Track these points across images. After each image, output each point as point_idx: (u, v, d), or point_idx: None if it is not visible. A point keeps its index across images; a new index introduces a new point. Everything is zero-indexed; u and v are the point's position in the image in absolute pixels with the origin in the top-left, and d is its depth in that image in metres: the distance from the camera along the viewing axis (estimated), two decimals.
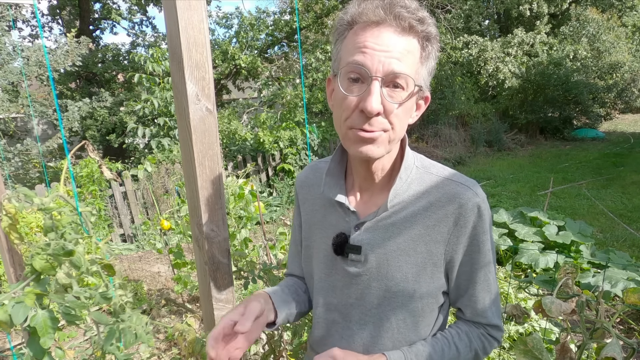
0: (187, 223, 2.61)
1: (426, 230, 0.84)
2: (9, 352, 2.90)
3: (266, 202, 6.68)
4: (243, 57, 10.15)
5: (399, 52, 0.73)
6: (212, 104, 1.02)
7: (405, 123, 0.80)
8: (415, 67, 0.76)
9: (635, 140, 11.41)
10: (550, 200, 6.36)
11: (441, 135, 10.86)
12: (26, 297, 0.85)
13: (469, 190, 0.83)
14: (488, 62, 12.27)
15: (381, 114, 0.75)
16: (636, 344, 0.94)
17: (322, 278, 0.95)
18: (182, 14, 0.93)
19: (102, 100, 8.73)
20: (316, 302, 0.97)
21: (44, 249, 0.87)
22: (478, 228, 0.84)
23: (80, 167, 5.28)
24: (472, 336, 0.90)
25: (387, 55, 0.72)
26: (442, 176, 0.86)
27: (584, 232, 4.18)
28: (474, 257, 0.86)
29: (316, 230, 0.97)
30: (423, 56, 0.77)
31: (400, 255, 0.85)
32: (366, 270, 0.87)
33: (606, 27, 13.19)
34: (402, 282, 0.85)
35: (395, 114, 0.76)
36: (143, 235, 5.51)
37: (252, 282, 1.66)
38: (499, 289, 0.93)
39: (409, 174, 0.86)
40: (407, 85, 0.75)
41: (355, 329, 0.91)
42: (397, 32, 0.73)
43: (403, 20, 0.73)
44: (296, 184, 1.04)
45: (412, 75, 0.75)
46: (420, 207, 0.84)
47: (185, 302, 3.46)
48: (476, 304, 0.89)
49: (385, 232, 0.86)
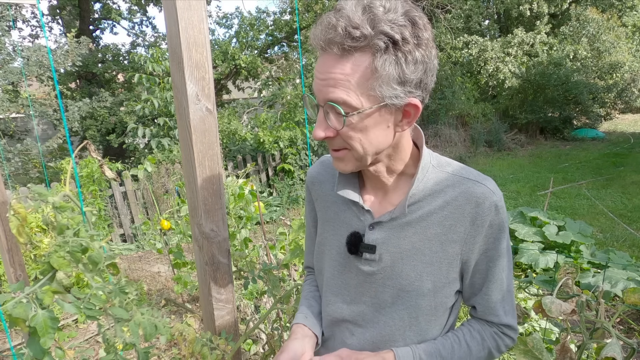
0: (187, 223, 2.61)
1: (442, 230, 0.84)
2: (8, 352, 2.90)
3: (266, 202, 6.68)
4: (243, 57, 10.15)
5: (333, 79, 0.72)
6: (212, 104, 1.02)
7: (374, 139, 0.77)
8: (360, 87, 0.72)
9: (635, 140, 11.40)
10: (550, 200, 6.36)
11: (441, 135, 10.86)
12: (45, 295, 0.86)
13: (486, 188, 0.83)
14: (488, 62, 12.26)
15: (337, 136, 0.78)
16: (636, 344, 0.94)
17: (335, 275, 0.95)
18: (182, 14, 0.93)
19: (102, 100, 8.73)
20: (326, 299, 0.97)
21: (62, 246, 0.87)
22: (495, 227, 0.83)
23: (80, 167, 5.28)
24: (484, 335, 0.90)
25: (324, 83, 0.73)
26: (459, 174, 0.85)
27: (584, 232, 4.18)
28: (490, 255, 0.85)
29: (328, 227, 0.96)
30: (376, 69, 0.70)
31: (415, 255, 0.85)
32: (380, 269, 0.87)
33: (606, 27, 13.18)
34: (416, 281, 0.85)
35: (349, 135, 0.76)
36: (143, 235, 5.51)
37: (252, 282, 1.66)
38: (513, 289, 0.93)
39: (425, 173, 0.85)
40: (350, 107, 0.73)
41: (367, 326, 0.91)
42: (338, 56, 0.71)
43: (336, 46, 0.70)
44: (307, 181, 1.04)
45: (352, 98, 0.72)
46: (436, 206, 0.84)
47: (185, 302, 3.46)
48: (490, 303, 0.89)
49: (401, 231, 0.86)
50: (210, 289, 1.13)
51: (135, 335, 0.93)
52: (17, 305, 0.82)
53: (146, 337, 0.95)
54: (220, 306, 1.16)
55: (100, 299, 0.91)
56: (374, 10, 0.69)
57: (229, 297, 1.17)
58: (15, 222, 0.94)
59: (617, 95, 13.54)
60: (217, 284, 1.14)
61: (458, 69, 12.48)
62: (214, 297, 1.14)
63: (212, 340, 1.16)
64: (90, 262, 0.90)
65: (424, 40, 0.72)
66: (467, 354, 0.87)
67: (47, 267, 0.89)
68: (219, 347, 1.16)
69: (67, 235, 0.89)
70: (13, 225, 0.93)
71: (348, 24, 0.68)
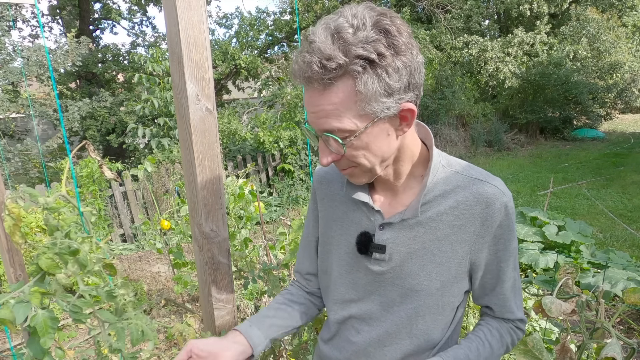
0: (187, 223, 2.60)
1: (452, 230, 0.84)
2: (9, 352, 2.91)
3: (266, 202, 6.68)
4: (243, 57, 10.15)
5: (324, 110, 0.73)
6: (212, 104, 1.02)
7: (378, 151, 0.78)
8: (351, 110, 0.72)
9: (635, 140, 11.40)
10: (550, 200, 6.36)
11: (441, 135, 10.86)
12: (32, 296, 0.86)
13: (496, 189, 0.83)
14: (488, 62, 12.26)
15: (342, 158, 0.80)
16: (636, 344, 0.94)
17: (342, 274, 0.95)
18: (182, 14, 0.93)
19: (102, 100, 8.73)
20: (333, 298, 0.97)
21: (50, 248, 0.87)
22: (504, 227, 0.84)
23: (80, 167, 5.28)
24: (502, 331, 0.92)
25: (316, 116, 0.75)
26: (468, 175, 0.86)
27: (584, 232, 4.18)
28: (501, 255, 0.86)
29: (336, 226, 0.96)
30: (363, 89, 0.70)
31: (425, 255, 0.85)
32: (390, 269, 0.87)
33: (606, 27, 13.17)
34: (425, 281, 0.86)
35: (352, 155, 0.78)
36: (143, 235, 5.51)
37: (252, 282, 1.66)
38: (521, 283, 0.95)
39: (435, 174, 0.85)
40: (346, 132, 0.74)
41: (373, 324, 0.92)
42: (320, 90, 0.72)
43: (316, 82, 0.71)
44: (314, 180, 1.03)
45: (346, 123, 0.73)
46: (446, 206, 0.84)
47: (185, 302, 3.46)
48: (505, 301, 0.90)
49: (411, 231, 0.86)
50: (210, 289, 1.13)
51: (121, 340, 0.92)
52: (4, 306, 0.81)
53: (132, 343, 0.95)
54: (220, 306, 1.16)
55: (88, 302, 0.91)
56: (343, 36, 0.68)
57: (229, 297, 1.17)
58: (9, 222, 0.94)
59: (617, 95, 13.53)
60: (217, 284, 1.14)
61: (458, 69, 12.47)
62: (214, 297, 1.14)
63: None
64: (78, 265, 0.90)
65: (402, 46, 0.70)
66: (490, 354, 0.89)
67: (36, 268, 0.88)
68: None
69: (56, 237, 0.89)
70: (7, 224, 0.93)
71: (322, 57, 0.68)
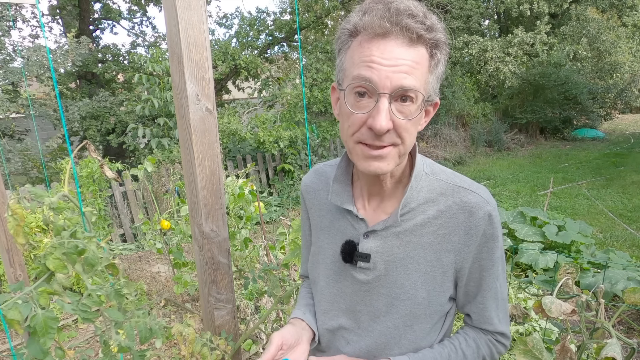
0: (187, 223, 2.60)
1: (436, 239, 0.83)
2: (8, 352, 2.90)
3: (266, 202, 6.68)
4: (243, 57, 10.14)
5: (407, 65, 0.69)
6: (212, 104, 1.02)
7: (415, 134, 0.78)
8: (424, 77, 0.72)
9: (635, 140, 11.40)
10: (550, 200, 6.36)
11: (441, 135, 10.86)
12: (40, 296, 0.86)
13: (480, 197, 0.82)
14: (488, 62, 12.26)
15: (391, 130, 0.73)
16: (636, 344, 0.94)
17: (330, 284, 0.94)
18: (182, 14, 0.93)
19: (102, 100, 8.73)
20: (322, 307, 0.97)
21: (58, 248, 0.87)
22: (488, 236, 0.83)
23: (80, 167, 5.27)
24: (479, 342, 0.90)
25: (395, 69, 0.69)
26: (452, 183, 0.85)
27: (584, 232, 4.18)
28: (484, 264, 0.85)
29: (323, 235, 0.96)
30: (432, 65, 0.73)
31: (410, 264, 0.84)
32: (375, 278, 0.87)
33: (606, 27, 13.16)
34: (410, 290, 0.85)
35: (405, 128, 0.74)
36: (143, 235, 5.50)
37: (252, 282, 1.66)
38: (507, 296, 0.93)
39: (418, 182, 0.84)
40: (417, 98, 0.72)
41: (362, 334, 0.91)
42: (405, 43, 0.69)
43: (410, 32, 0.69)
44: (302, 189, 1.03)
45: (421, 87, 0.72)
46: (430, 215, 0.83)
47: (185, 302, 3.46)
48: (484, 311, 0.89)
49: (395, 240, 0.85)
50: (210, 289, 1.13)
51: (130, 338, 0.93)
52: (12, 307, 0.81)
53: (141, 340, 0.95)
54: (220, 306, 1.16)
55: (95, 301, 0.91)
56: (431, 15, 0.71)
57: (229, 297, 1.17)
58: (13, 223, 0.93)
59: (617, 95, 13.53)
60: (217, 284, 1.14)
61: (458, 69, 12.47)
62: (214, 297, 1.14)
63: (212, 340, 1.16)
64: (86, 264, 0.90)
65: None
66: None
67: (43, 269, 0.88)
68: (219, 347, 1.16)
69: (63, 237, 0.89)
70: (11, 225, 0.93)
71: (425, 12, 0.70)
